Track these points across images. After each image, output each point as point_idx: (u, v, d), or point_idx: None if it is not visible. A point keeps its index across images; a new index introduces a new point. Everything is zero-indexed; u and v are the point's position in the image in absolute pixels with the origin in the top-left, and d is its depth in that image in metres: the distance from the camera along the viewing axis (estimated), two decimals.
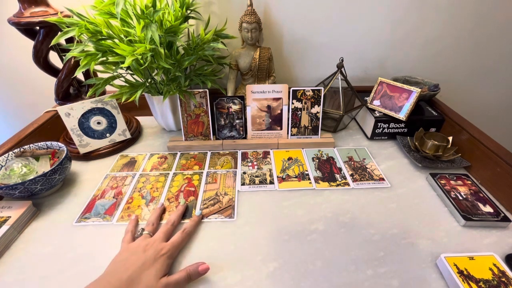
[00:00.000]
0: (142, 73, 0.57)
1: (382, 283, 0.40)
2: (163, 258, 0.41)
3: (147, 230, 0.46)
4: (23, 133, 0.64)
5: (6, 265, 0.43)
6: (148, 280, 0.37)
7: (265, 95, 0.67)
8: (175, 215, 0.49)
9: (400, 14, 0.76)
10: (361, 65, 0.85)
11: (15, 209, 0.50)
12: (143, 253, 0.40)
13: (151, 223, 0.48)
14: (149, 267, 0.39)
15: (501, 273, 0.40)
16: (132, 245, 0.43)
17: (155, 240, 0.43)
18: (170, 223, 0.48)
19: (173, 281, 0.39)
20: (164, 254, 0.41)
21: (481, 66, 0.86)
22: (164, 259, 0.41)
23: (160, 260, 0.40)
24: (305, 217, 0.51)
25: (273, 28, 0.77)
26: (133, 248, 0.42)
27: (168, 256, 0.41)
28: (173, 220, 0.48)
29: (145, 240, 0.43)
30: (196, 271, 0.40)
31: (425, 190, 0.57)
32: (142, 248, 0.41)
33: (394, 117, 0.69)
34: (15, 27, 0.57)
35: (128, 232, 0.46)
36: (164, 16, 0.55)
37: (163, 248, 0.42)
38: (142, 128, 0.78)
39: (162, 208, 0.52)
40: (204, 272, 0.41)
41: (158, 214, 0.50)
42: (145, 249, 0.41)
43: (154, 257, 0.40)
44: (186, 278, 0.39)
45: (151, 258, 0.40)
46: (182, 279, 0.39)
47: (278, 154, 0.67)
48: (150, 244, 0.42)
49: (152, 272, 0.38)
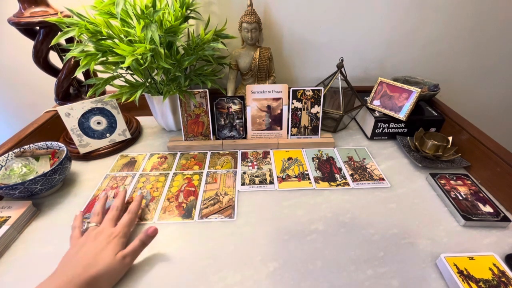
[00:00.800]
0: (142, 73, 0.57)
1: (382, 283, 0.40)
2: (116, 239, 0.41)
3: (93, 221, 0.45)
4: (23, 133, 0.64)
5: (6, 265, 0.43)
6: (105, 258, 0.38)
7: (265, 95, 0.67)
8: (118, 199, 0.49)
9: (400, 14, 0.76)
10: (361, 65, 0.85)
11: (15, 209, 0.50)
12: (94, 241, 0.40)
13: (96, 213, 0.46)
14: (103, 249, 0.39)
15: (501, 273, 0.40)
16: (81, 239, 0.42)
17: (103, 228, 0.43)
18: (114, 208, 0.47)
19: (128, 251, 0.40)
20: (116, 235, 0.42)
21: (481, 66, 0.86)
22: (117, 239, 0.41)
23: (114, 241, 0.41)
24: (305, 217, 0.51)
25: (273, 28, 0.77)
26: (82, 241, 0.41)
27: (120, 236, 0.42)
28: (116, 205, 0.48)
29: (93, 231, 0.42)
30: (147, 234, 0.42)
31: (425, 190, 0.57)
32: (92, 238, 0.41)
33: (394, 117, 0.69)
34: (15, 27, 0.57)
35: (75, 228, 0.44)
36: (164, 16, 0.55)
37: (113, 232, 0.42)
38: (142, 128, 0.78)
39: (105, 197, 0.51)
40: (154, 234, 0.43)
41: (102, 203, 0.49)
42: (96, 237, 0.41)
43: (106, 241, 0.40)
44: (140, 245, 0.41)
45: (103, 243, 0.40)
46: (137, 246, 0.41)
47: (278, 154, 0.67)
48: (99, 232, 0.42)
49: (107, 251, 0.39)
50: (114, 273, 0.39)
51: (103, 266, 0.37)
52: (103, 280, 0.37)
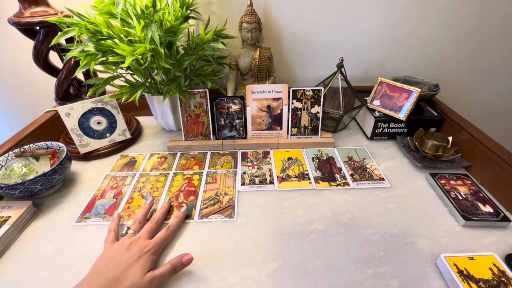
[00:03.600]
0: (142, 73, 0.57)
1: (382, 283, 0.40)
2: (147, 255, 0.40)
3: (133, 228, 0.45)
4: (23, 133, 0.64)
5: (6, 265, 0.43)
6: (134, 277, 0.37)
7: (265, 95, 0.67)
8: (160, 213, 0.49)
9: (400, 14, 0.76)
10: (361, 65, 0.85)
11: (15, 209, 0.50)
12: (126, 251, 0.40)
13: (138, 221, 0.47)
14: (133, 264, 0.39)
15: (501, 273, 0.40)
16: (115, 244, 0.42)
17: (139, 238, 0.43)
18: (154, 221, 0.47)
19: (158, 274, 0.39)
20: (148, 251, 0.41)
21: (481, 66, 0.86)
22: (148, 256, 0.40)
23: (144, 257, 0.40)
24: (305, 217, 0.51)
25: (273, 28, 0.77)
26: (117, 248, 0.41)
27: (152, 253, 0.41)
28: (157, 218, 0.48)
29: (129, 239, 0.43)
30: (180, 262, 0.41)
31: (425, 190, 0.57)
32: (125, 247, 0.41)
33: (394, 117, 0.69)
34: (15, 27, 0.57)
35: (111, 231, 0.45)
36: (164, 16, 0.55)
37: (147, 246, 0.42)
38: (142, 128, 0.78)
39: (150, 206, 0.51)
40: (188, 263, 0.41)
41: (145, 212, 0.49)
42: (129, 247, 0.41)
43: (138, 255, 0.40)
44: (171, 270, 0.40)
45: (135, 256, 0.40)
46: (167, 271, 0.40)
47: (278, 154, 0.67)
48: (134, 242, 0.42)
49: (137, 269, 0.38)
50: None
51: (131, 284, 0.37)
52: None
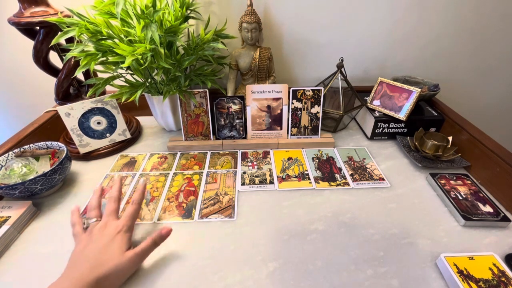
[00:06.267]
0: (142, 73, 0.57)
1: (382, 283, 0.40)
2: (121, 234, 0.40)
3: (93, 216, 0.43)
4: (23, 133, 0.64)
5: (6, 265, 0.43)
6: (113, 257, 0.37)
7: (265, 95, 0.67)
8: (114, 189, 0.47)
9: (400, 14, 0.76)
10: (361, 65, 0.85)
11: (15, 209, 0.50)
12: (99, 238, 0.39)
13: (93, 207, 0.45)
14: (109, 246, 0.38)
15: (501, 273, 0.40)
16: (84, 235, 0.41)
17: (106, 222, 0.42)
18: (112, 200, 0.45)
19: (139, 250, 0.39)
20: (121, 230, 0.40)
21: (481, 66, 0.86)
22: (122, 234, 0.40)
23: (119, 236, 0.40)
24: (305, 217, 0.51)
25: (273, 28, 0.77)
26: (87, 237, 0.40)
27: (125, 230, 0.41)
28: (114, 196, 0.46)
29: (95, 226, 0.41)
30: (160, 234, 0.42)
31: (425, 190, 0.57)
32: (96, 234, 0.40)
33: (394, 117, 0.69)
34: (15, 27, 0.57)
35: (75, 224, 0.43)
36: (164, 16, 0.55)
37: (117, 226, 0.41)
38: (142, 128, 0.78)
39: (100, 189, 0.48)
40: (167, 234, 0.42)
41: (97, 196, 0.47)
42: (100, 233, 0.40)
43: (111, 237, 0.39)
44: (152, 244, 0.40)
45: (109, 239, 0.39)
46: (147, 246, 0.40)
47: (278, 154, 0.67)
48: (102, 226, 0.41)
49: (115, 249, 0.38)
50: (122, 273, 0.38)
51: (111, 265, 0.36)
52: (112, 279, 0.37)
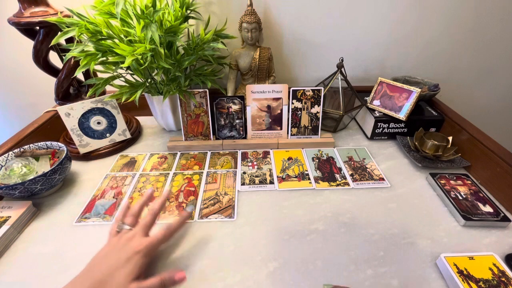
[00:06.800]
0: (142, 73, 0.57)
1: (382, 283, 0.40)
2: (137, 257, 0.38)
3: (128, 222, 0.42)
4: (23, 133, 0.64)
5: (6, 265, 0.43)
6: (119, 281, 0.35)
7: (265, 95, 0.67)
8: (158, 204, 0.45)
9: (400, 14, 0.76)
10: (361, 65, 0.85)
11: (15, 209, 0.50)
12: (119, 250, 0.38)
13: (132, 213, 0.44)
14: (122, 266, 0.37)
15: (501, 273, 0.40)
16: (113, 239, 0.40)
17: (134, 235, 0.40)
18: (151, 212, 0.44)
19: (144, 287, 0.36)
20: (140, 251, 0.38)
21: (481, 66, 0.86)
22: (138, 258, 0.38)
23: (134, 259, 0.37)
24: (305, 217, 0.51)
25: (273, 28, 0.77)
26: (113, 244, 0.40)
27: (143, 255, 0.38)
28: (155, 210, 0.44)
29: (124, 235, 0.40)
30: (172, 279, 0.37)
31: (425, 190, 0.57)
32: (120, 244, 0.39)
33: (394, 117, 0.69)
34: (15, 27, 0.57)
35: (115, 222, 0.43)
36: (164, 16, 0.55)
37: (140, 245, 0.39)
38: (142, 128, 0.78)
39: (149, 196, 0.47)
40: (180, 281, 0.38)
41: (143, 202, 0.45)
42: (123, 245, 0.39)
43: (128, 256, 0.37)
44: (159, 285, 0.37)
45: (125, 257, 0.37)
46: (154, 286, 0.36)
47: (278, 154, 0.67)
48: (130, 238, 0.40)
49: (123, 274, 0.36)
50: None
51: None
52: None
